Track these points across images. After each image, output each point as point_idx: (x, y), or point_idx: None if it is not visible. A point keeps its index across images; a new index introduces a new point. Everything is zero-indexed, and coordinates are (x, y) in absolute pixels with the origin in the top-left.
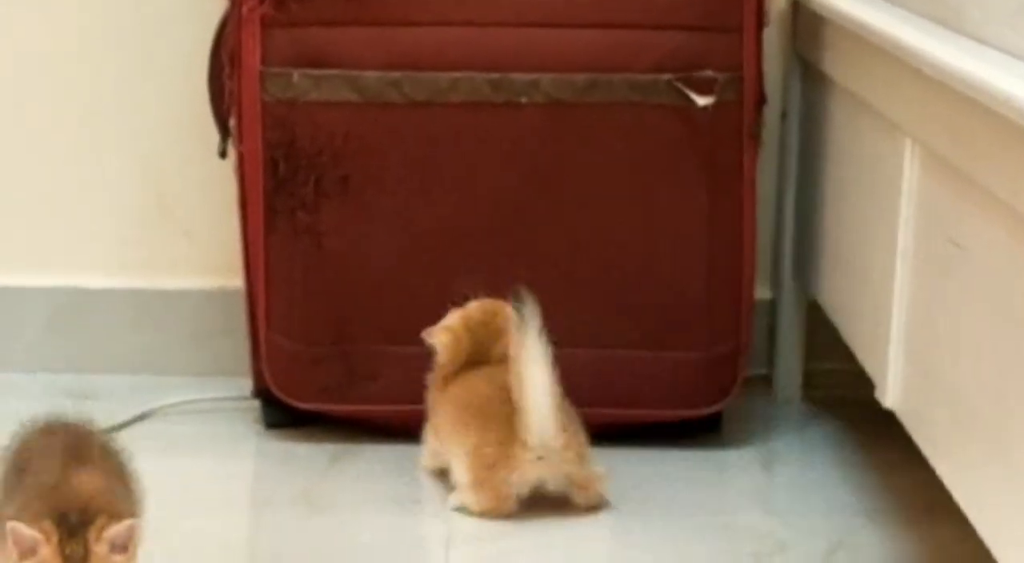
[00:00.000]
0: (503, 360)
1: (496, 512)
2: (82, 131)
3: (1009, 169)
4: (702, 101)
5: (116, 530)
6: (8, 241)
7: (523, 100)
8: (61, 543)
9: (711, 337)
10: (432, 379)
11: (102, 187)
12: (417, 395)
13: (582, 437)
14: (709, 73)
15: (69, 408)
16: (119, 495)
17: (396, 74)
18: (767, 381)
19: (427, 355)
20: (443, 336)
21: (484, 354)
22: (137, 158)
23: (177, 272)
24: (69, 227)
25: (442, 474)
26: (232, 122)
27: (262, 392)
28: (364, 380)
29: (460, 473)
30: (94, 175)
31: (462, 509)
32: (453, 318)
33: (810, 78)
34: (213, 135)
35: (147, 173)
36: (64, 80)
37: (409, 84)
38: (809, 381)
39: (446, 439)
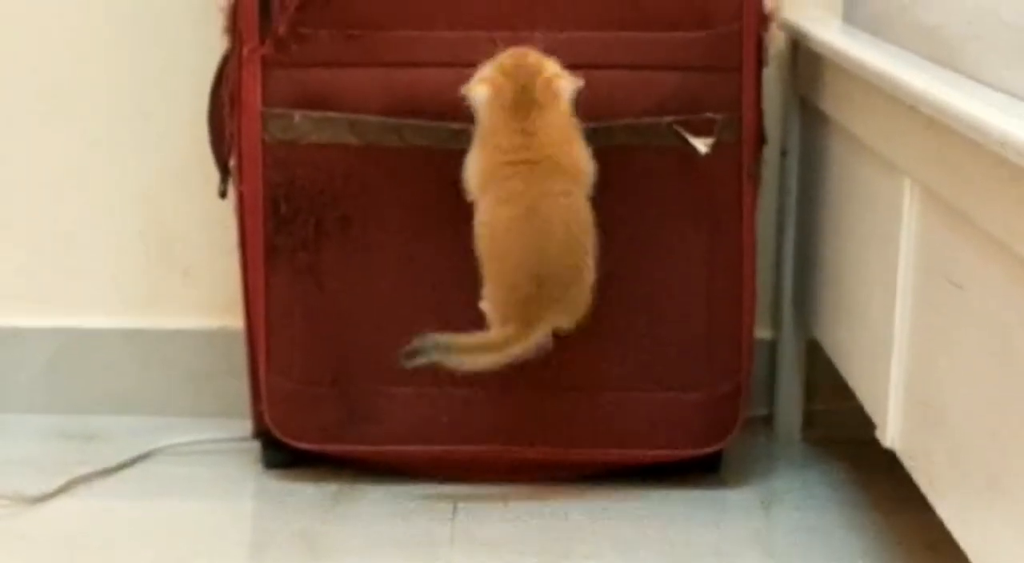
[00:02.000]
0: (544, 106)
1: None
2: (82, 170)
3: (1007, 209)
4: (703, 147)
5: None
6: (8, 282)
7: None
8: None
9: (711, 377)
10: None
11: (102, 227)
12: (418, 435)
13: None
14: (708, 115)
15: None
16: None
17: (396, 121)
18: (767, 421)
19: (427, 394)
20: (481, 87)
21: (530, 95)
22: (138, 198)
23: (177, 312)
24: (69, 267)
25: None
26: (232, 162)
27: (262, 433)
28: (364, 420)
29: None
30: (94, 215)
31: None
32: (486, 70)
33: (809, 117)
34: (213, 175)
35: (147, 213)
36: (63, 119)
37: (410, 131)
38: (809, 421)
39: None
